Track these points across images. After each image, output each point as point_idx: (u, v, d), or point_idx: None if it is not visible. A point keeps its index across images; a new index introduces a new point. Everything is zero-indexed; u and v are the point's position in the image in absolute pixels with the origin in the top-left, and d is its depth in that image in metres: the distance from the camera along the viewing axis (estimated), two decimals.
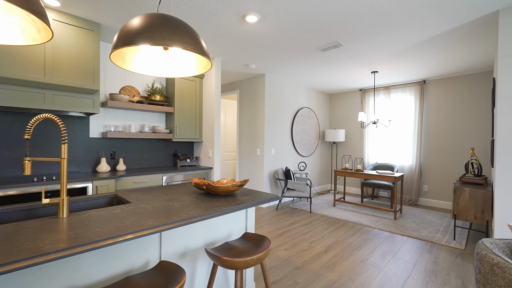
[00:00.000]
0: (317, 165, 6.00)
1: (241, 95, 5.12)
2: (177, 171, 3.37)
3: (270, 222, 3.75)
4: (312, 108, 5.84)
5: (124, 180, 2.88)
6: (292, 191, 4.38)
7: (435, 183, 4.79)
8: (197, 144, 4.10)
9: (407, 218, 4.01)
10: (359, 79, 4.94)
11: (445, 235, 3.27)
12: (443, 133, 4.71)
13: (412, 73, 4.44)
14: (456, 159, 4.56)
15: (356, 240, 3.12)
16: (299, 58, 3.72)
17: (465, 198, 3.04)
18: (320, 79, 4.98)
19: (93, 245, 0.96)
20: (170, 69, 1.65)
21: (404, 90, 5.12)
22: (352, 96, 5.99)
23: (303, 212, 4.33)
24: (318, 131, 5.97)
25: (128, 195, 1.77)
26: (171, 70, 1.66)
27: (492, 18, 2.49)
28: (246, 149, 5.01)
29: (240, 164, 5.13)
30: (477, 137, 4.34)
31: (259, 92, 4.72)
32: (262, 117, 4.67)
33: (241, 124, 5.12)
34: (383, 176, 4.02)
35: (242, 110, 5.11)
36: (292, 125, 5.24)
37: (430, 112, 4.86)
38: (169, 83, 3.73)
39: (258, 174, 4.74)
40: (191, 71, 1.67)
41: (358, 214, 4.16)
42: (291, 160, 5.27)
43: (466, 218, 3.03)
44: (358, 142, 5.89)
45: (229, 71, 4.44)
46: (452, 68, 4.13)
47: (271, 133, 4.76)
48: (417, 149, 4.88)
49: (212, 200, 1.65)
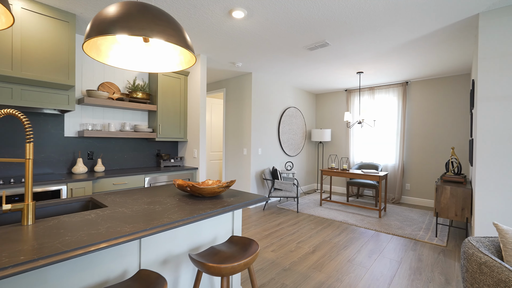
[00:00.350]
0: (303, 165, 6.01)
1: (228, 94, 5.02)
2: (161, 171, 3.23)
3: (257, 223, 3.69)
4: (298, 108, 5.84)
5: (103, 182, 2.71)
6: (279, 191, 4.34)
7: (417, 182, 4.93)
8: (181, 144, 3.97)
9: (391, 216, 4.09)
10: (345, 80, 4.99)
11: (428, 232, 3.35)
12: (424, 133, 4.85)
13: (395, 74, 4.54)
14: (436, 158, 4.71)
15: (343, 239, 3.12)
16: (286, 57, 3.69)
17: (447, 196, 3.12)
18: (307, 79, 4.99)
19: (60, 257, 0.85)
20: (152, 63, 1.55)
21: (387, 91, 5.23)
22: (338, 96, 6.06)
23: (290, 212, 4.30)
24: (304, 131, 5.99)
25: (105, 199, 1.64)
26: (152, 65, 1.56)
27: (472, 21, 2.56)
28: (232, 149, 4.92)
29: (227, 164, 5.04)
30: (456, 137, 4.51)
31: (246, 91, 4.65)
32: (248, 117, 4.60)
33: (228, 123, 5.03)
34: (368, 175, 4.08)
35: (228, 109, 5.02)
36: (279, 124, 5.21)
37: (412, 113, 4.99)
38: (152, 80, 3.58)
39: (244, 174, 4.67)
40: (174, 66, 1.57)
41: (344, 213, 4.20)
42: (278, 160, 5.24)
43: (447, 215, 3.12)
44: (343, 142, 5.96)
45: (215, 69, 4.33)
46: (433, 70, 4.26)
47: (258, 133, 4.71)
48: (400, 149, 5.00)
49: (196, 203, 1.56)
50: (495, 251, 1.36)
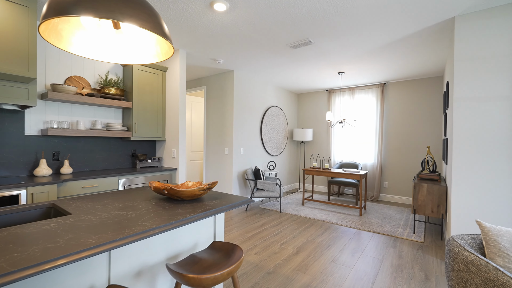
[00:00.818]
0: (286, 164, 6.00)
1: (209, 92, 4.87)
2: (136, 173, 3.03)
3: (239, 225, 3.59)
4: (281, 107, 5.82)
5: (70, 185, 2.47)
6: (261, 191, 4.27)
7: (394, 180, 5.10)
8: (159, 143, 3.76)
9: (371, 214, 4.17)
10: (326, 80, 5.04)
11: (406, 229, 3.45)
12: (401, 133, 5.03)
13: (374, 75, 4.65)
14: (412, 156, 4.90)
15: (326, 238, 3.12)
16: (269, 55, 3.62)
17: (423, 194, 3.23)
18: (290, 78, 4.97)
19: (4, 280, 0.70)
20: (124, 54, 1.40)
21: (367, 91, 5.36)
22: (319, 96, 6.12)
23: (273, 212, 4.25)
24: (287, 130, 5.97)
25: (70, 205, 1.46)
26: (124, 56, 1.40)
27: (447, 24, 2.65)
28: (213, 149, 4.77)
29: (208, 165, 4.88)
30: (430, 136, 4.72)
31: (228, 89, 4.53)
32: (230, 115, 4.48)
33: (209, 122, 4.87)
34: (349, 174, 4.13)
35: (209, 108, 4.86)
36: (261, 124, 5.14)
37: (390, 113, 5.15)
38: (126, 74, 3.34)
39: (226, 174, 4.54)
40: (150, 58, 1.43)
41: (326, 212, 4.22)
42: (261, 160, 5.17)
43: (424, 212, 3.22)
44: (325, 141, 6.03)
45: (195, 65, 4.16)
46: (409, 72, 4.41)
47: (240, 132, 4.60)
48: (378, 148, 5.14)
49: (175, 207, 1.44)
50: (478, 249, 1.37)
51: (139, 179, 3.09)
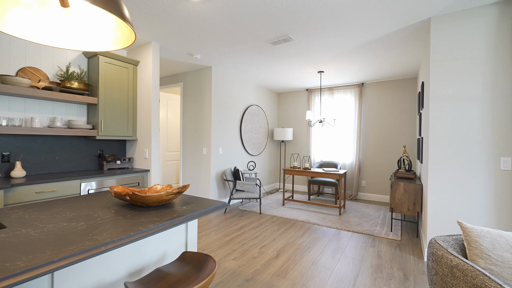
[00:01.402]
0: (266, 164, 5.91)
1: (185, 89, 4.64)
2: (104, 175, 2.76)
3: (217, 228, 3.42)
4: (261, 106, 5.72)
5: (20, 190, 2.17)
6: (241, 192, 4.14)
7: (372, 178, 5.19)
8: (130, 143, 3.49)
9: (350, 213, 4.19)
10: (306, 79, 5.01)
11: (384, 228, 3.49)
12: (378, 132, 5.13)
13: (353, 75, 4.69)
14: (389, 156, 5.01)
15: (306, 240, 3.05)
16: (248, 50, 3.49)
17: (400, 192, 3.27)
18: (270, 77, 4.88)
19: None
20: (75, 38, 1.20)
21: (346, 91, 5.41)
22: (299, 95, 6.10)
23: (253, 213, 4.13)
24: (267, 129, 5.89)
25: (9, 215, 1.23)
26: (76, 40, 1.20)
27: (423, 25, 2.69)
28: (191, 149, 4.56)
29: (184, 165, 4.65)
30: (406, 136, 4.86)
31: (205, 86, 4.33)
32: (208, 114, 4.30)
33: (185, 120, 4.64)
34: (329, 174, 4.12)
35: (186, 106, 4.63)
36: (241, 122, 5.00)
37: (368, 113, 5.25)
38: (91, 67, 3.05)
39: (204, 175, 4.35)
40: (108, 44, 1.24)
41: (306, 212, 4.18)
42: (240, 160, 5.03)
43: (401, 210, 3.27)
44: (305, 141, 6.02)
45: (170, 60, 3.93)
46: (385, 72, 4.50)
47: (218, 131, 4.43)
48: (357, 147, 5.21)
49: (138, 215, 1.26)
50: (459, 250, 1.34)
51: (106, 182, 2.82)
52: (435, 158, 2.48)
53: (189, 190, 4.56)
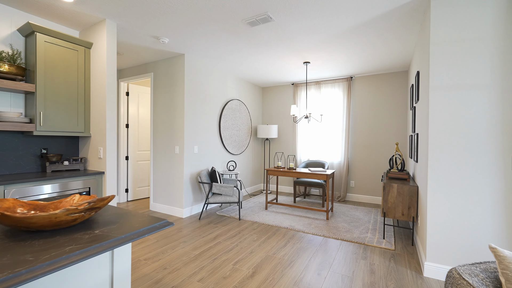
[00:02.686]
0: (249, 164, 5.48)
1: (156, 80, 4.12)
2: (45, 179, 2.24)
3: (188, 239, 2.96)
4: (243, 101, 5.27)
5: None
6: (218, 196, 3.68)
7: (361, 179, 4.87)
8: (84, 141, 2.96)
9: (338, 217, 3.83)
10: (292, 71, 4.61)
11: (375, 234, 3.14)
12: (367, 129, 4.81)
13: (341, 67, 4.33)
14: (378, 154, 4.70)
15: (289, 252, 2.64)
16: (223, 33, 3.04)
17: (393, 195, 2.93)
18: (251, 68, 4.44)
19: None
20: None
21: (333, 85, 5.06)
22: (285, 90, 5.70)
23: (231, 220, 3.69)
24: (250, 126, 5.45)
25: None
26: None
27: (420, 4, 2.33)
28: (162, 147, 4.05)
29: (155, 166, 4.14)
30: (396, 133, 4.55)
31: (178, 76, 3.84)
32: (181, 108, 3.81)
33: (156, 115, 4.13)
34: (316, 174, 3.74)
35: (157, 98, 4.12)
36: (220, 118, 4.54)
37: (357, 109, 4.91)
38: (29, 48, 2.50)
39: (176, 177, 3.86)
40: None
41: (291, 217, 3.78)
42: (219, 159, 4.57)
43: (394, 215, 2.93)
44: (290, 139, 5.64)
45: (135, 45, 3.41)
46: (375, 65, 4.16)
47: (193, 128, 3.95)
48: (345, 145, 4.87)
49: (20, 245, 0.79)
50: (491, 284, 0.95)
51: (47, 188, 2.30)
52: (436, 156, 2.13)
53: (160, 195, 4.06)
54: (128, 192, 4.71)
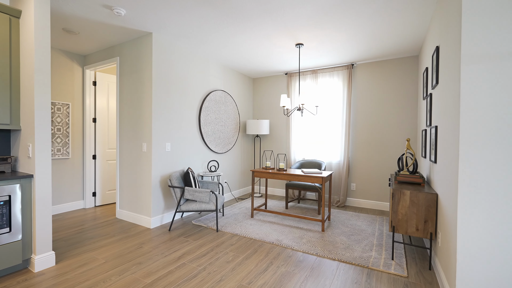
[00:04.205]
0: (237, 164, 4.87)
1: (122, 66, 3.51)
2: None
3: (145, 259, 2.36)
4: (229, 92, 4.65)
5: None
6: (192, 202, 3.08)
7: (363, 181, 4.25)
8: (15, 135, 2.36)
9: (336, 227, 3.22)
10: (284, 57, 3.99)
11: (381, 252, 2.52)
12: (371, 124, 4.18)
13: (340, 51, 3.70)
14: (384, 153, 4.07)
15: (270, 280, 2.04)
16: (194, 1, 2.42)
17: (405, 204, 2.31)
18: (237, 53, 3.82)
19: None
20: None
21: (332, 74, 4.43)
22: (278, 81, 5.08)
23: (208, 231, 3.08)
24: (238, 121, 4.83)
25: None
26: None
27: None
28: (128, 144, 3.45)
29: (121, 166, 3.54)
30: (405, 127, 3.92)
31: (145, 61, 3.23)
32: (148, 97, 3.20)
33: (122, 107, 3.52)
34: (309, 177, 3.12)
35: (123, 87, 3.51)
36: (200, 111, 3.93)
37: (358, 101, 4.28)
38: None
39: (144, 179, 3.26)
40: None
41: (279, 228, 3.17)
42: (200, 159, 3.96)
43: (406, 230, 2.31)
44: (283, 135, 5.02)
45: (87, 20, 2.80)
46: (380, 48, 3.53)
47: (165, 121, 3.34)
48: (345, 143, 4.24)
49: None
50: None
51: None
52: (470, 155, 1.51)
53: (127, 200, 3.46)
54: (96, 196, 4.11)
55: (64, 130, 3.79)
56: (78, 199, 3.99)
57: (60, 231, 3.04)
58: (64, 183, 3.79)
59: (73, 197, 3.92)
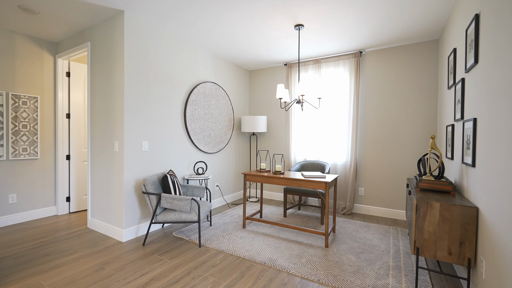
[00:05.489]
0: (231, 165, 4.37)
1: (93, 52, 3.04)
2: None
3: (104, 286, 1.88)
4: (221, 85, 4.16)
5: None
6: (170, 212, 2.59)
7: (372, 185, 3.71)
8: None
9: (342, 242, 2.70)
10: (282, 43, 3.47)
11: (400, 280, 2.00)
12: (381, 120, 3.65)
13: (346, 36, 3.17)
14: (397, 153, 3.53)
15: None
16: None
17: (434, 220, 1.78)
18: (228, 38, 3.32)
19: None
20: None
21: (337, 64, 3.90)
22: (276, 72, 4.56)
23: (190, 246, 2.60)
24: (232, 118, 4.34)
25: None
26: None
27: None
28: (100, 143, 2.98)
29: (93, 168, 3.07)
30: (423, 123, 3.38)
31: (116, 44, 2.75)
32: (120, 88, 2.72)
33: (94, 99, 3.05)
34: (310, 182, 2.61)
35: (94, 77, 3.04)
36: (185, 105, 3.44)
37: (367, 94, 3.75)
38: None
39: (115, 184, 2.78)
40: None
41: (275, 242, 2.66)
42: (186, 160, 3.47)
43: (434, 254, 1.78)
44: (283, 133, 4.50)
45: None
46: (394, 30, 2.99)
47: (142, 116, 2.86)
48: (352, 142, 3.71)
49: None
50: None
51: None
52: None
53: (99, 208, 2.99)
54: (71, 201, 3.66)
55: (31, 127, 3.33)
56: (50, 204, 3.54)
57: (15, 245, 2.58)
58: (32, 187, 3.34)
59: (44, 203, 3.47)
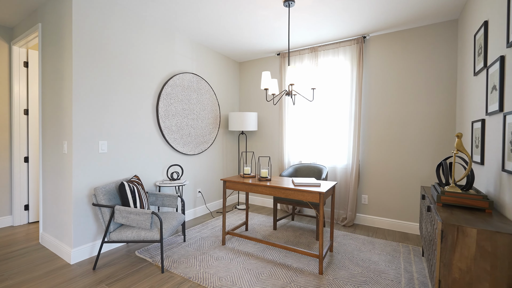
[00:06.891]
0: (216, 168, 3.87)
1: (44, 35, 2.56)
2: None
3: None
4: (205, 77, 3.66)
5: None
6: (127, 228, 2.09)
7: (378, 193, 3.18)
8: None
9: (341, 266, 2.18)
10: (271, 27, 2.96)
11: None
12: (388, 117, 3.11)
13: (346, 17, 2.65)
14: (406, 154, 3.00)
15: None
16: None
17: (469, 254, 1.26)
18: (210, 19, 2.81)
19: None
20: None
21: (336, 52, 3.37)
22: (268, 64, 4.05)
23: (152, 270, 2.10)
24: (217, 114, 3.84)
25: None
26: None
27: None
28: (50, 143, 2.50)
29: (45, 173, 2.60)
30: (438, 119, 2.84)
31: (65, 25, 2.26)
32: (68, 76, 2.23)
33: (45, 92, 2.58)
34: (301, 192, 2.10)
35: (45, 64, 2.56)
36: (158, 99, 2.94)
37: (372, 86, 3.22)
38: None
39: (64, 193, 2.29)
40: None
41: (257, 267, 2.15)
42: (159, 163, 2.98)
43: None
44: (276, 133, 3.99)
45: None
46: (405, 8, 2.46)
47: (97, 111, 2.37)
48: (354, 142, 3.19)
49: None
50: None
51: None
52: None
53: (50, 221, 2.51)
54: (30, 210, 3.19)
55: None
56: (5, 214, 3.08)
57: None
58: None
59: None
